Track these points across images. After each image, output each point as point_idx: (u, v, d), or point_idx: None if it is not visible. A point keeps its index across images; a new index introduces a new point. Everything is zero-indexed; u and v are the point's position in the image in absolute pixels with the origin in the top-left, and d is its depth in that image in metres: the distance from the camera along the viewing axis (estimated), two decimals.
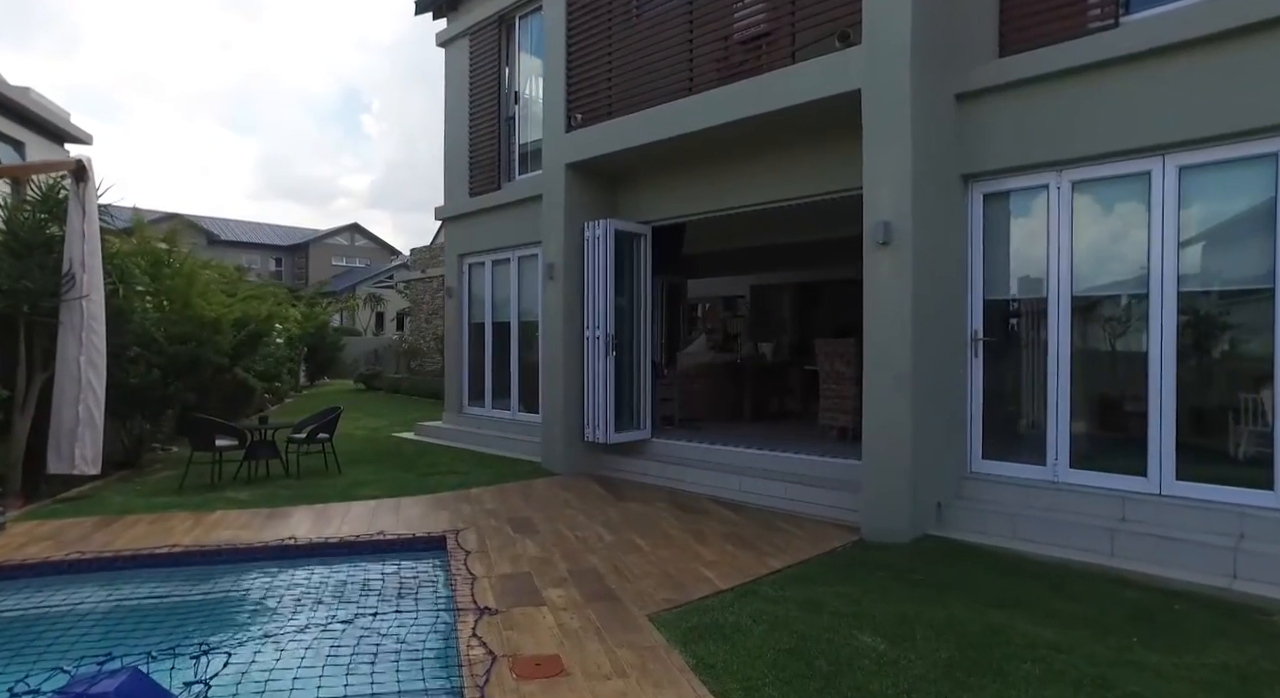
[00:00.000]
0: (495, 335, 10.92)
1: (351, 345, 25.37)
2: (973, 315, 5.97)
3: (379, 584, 4.49)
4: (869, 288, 5.64)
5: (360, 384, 21.14)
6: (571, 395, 8.24)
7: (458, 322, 11.51)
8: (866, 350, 5.66)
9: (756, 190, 7.32)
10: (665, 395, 9.34)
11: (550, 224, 8.40)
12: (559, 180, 8.26)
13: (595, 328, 8.04)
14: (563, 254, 8.20)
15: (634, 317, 8.45)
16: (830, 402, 7.86)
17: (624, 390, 8.33)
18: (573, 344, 8.26)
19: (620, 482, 7.77)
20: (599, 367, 8.01)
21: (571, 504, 6.68)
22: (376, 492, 7.12)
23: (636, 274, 8.44)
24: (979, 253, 5.94)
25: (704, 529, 5.78)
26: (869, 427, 5.64)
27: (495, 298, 10.94)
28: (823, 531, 5.78)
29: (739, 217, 9.27)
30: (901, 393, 5.43)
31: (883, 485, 5.53)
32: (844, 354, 7.68)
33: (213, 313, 8.61)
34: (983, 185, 5.92)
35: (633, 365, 8.45)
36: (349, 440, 10.92)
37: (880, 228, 5.48)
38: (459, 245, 11.41)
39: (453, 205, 11.43)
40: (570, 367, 8.24)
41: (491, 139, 10.72)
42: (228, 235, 43.90)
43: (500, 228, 10.42)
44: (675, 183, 8.03)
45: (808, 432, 8.74)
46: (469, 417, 11.14)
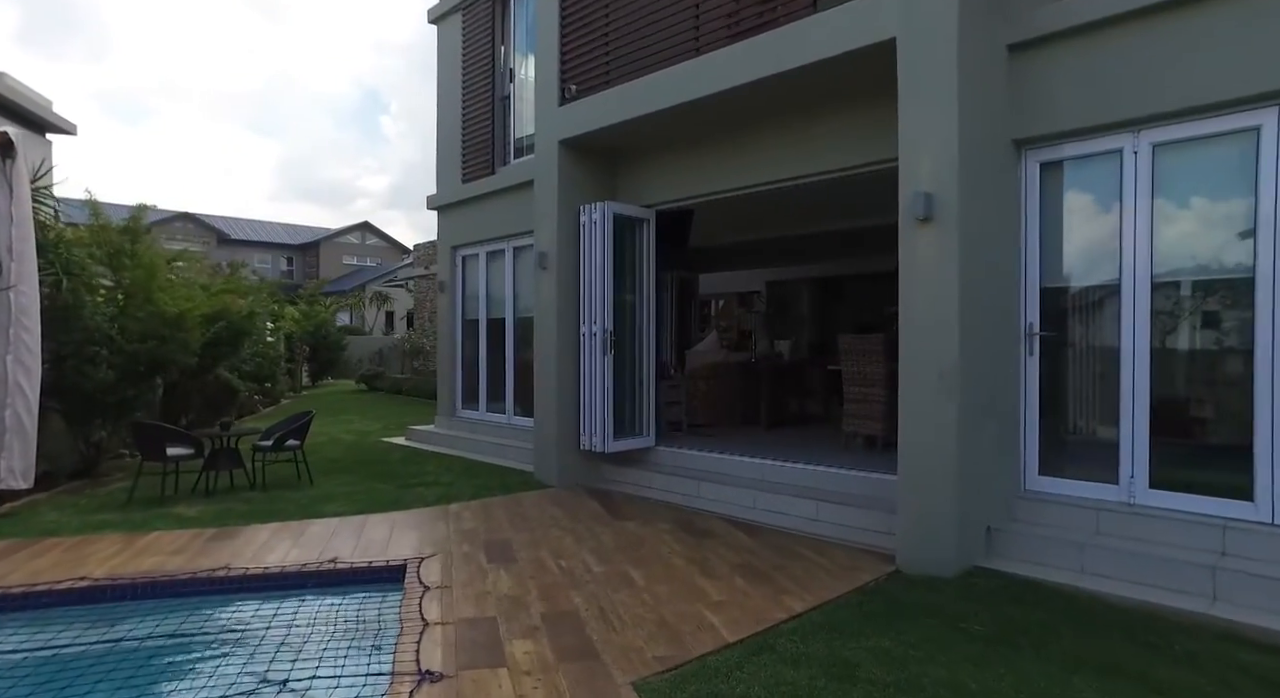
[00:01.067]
0: (490, 333, 10.13)
1: (356, 345, 24.73)
2: (1027, 305, 5.07)
3: (307, 632, 3.69)
4: (906, 273, 4.77)
5: (362, 385, 20.47)
6: (566, 399, 7.42)
7: (450, 318, 10.74)
8: (904, 346, 4.79)
9: (773, 167, 6.45)
10: (672, 398, 8.50)
11: (543, 208, 7.58)
12: (551, 159, 7.44)
13: (592, 323, 7.21)
14: (556, 241, 7.38)
15: (636, 311, 7.61)
16: (856, 406, 6.97)
17: (625, 393, 7.50)
18: (567, 342, 7.44)
19: (619, 496, 6.94)
20: (596, 367, 7.19)
21: (561, 524, 5.85)
22: (345, 507, 6.34)
23: (639, 264, 7.60)
24: (1034, 232, 5.05)
25: (711, 557, 4.93)
26: (906, 436, 4.76)
27: (490, 292, 10.15)
28: (851, 559, 4.91)
29: (752, 204, 8.41)
30: (946, 396, 4.55)
31: (923, 505, 4.66)
32: (872, 352, 6.80)
33: (176, 308, 7.86)
34: (1039, 152, 5.02)
35: (635, 366, 7.61)
36: (333, 446, 10.18)
37: (920, 201, 4.60)
38: (451, 236, 10.64)
39: (445, 193, 10.65)
40: (565, 367, 7.42)
41: (485, 121, 9.92)
42: (238, 234, 43.60)
43: (494, 216, 9.63)
44: (681, 161, 7.19)
45: (830, 439, 7.85)
46: (462, 421, 10.36)
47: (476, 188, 9.90)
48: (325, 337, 21.76)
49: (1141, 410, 4.58)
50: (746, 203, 9.24)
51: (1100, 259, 4.87)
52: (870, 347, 6.76)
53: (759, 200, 8.99)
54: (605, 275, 7.13)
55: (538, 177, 7.68)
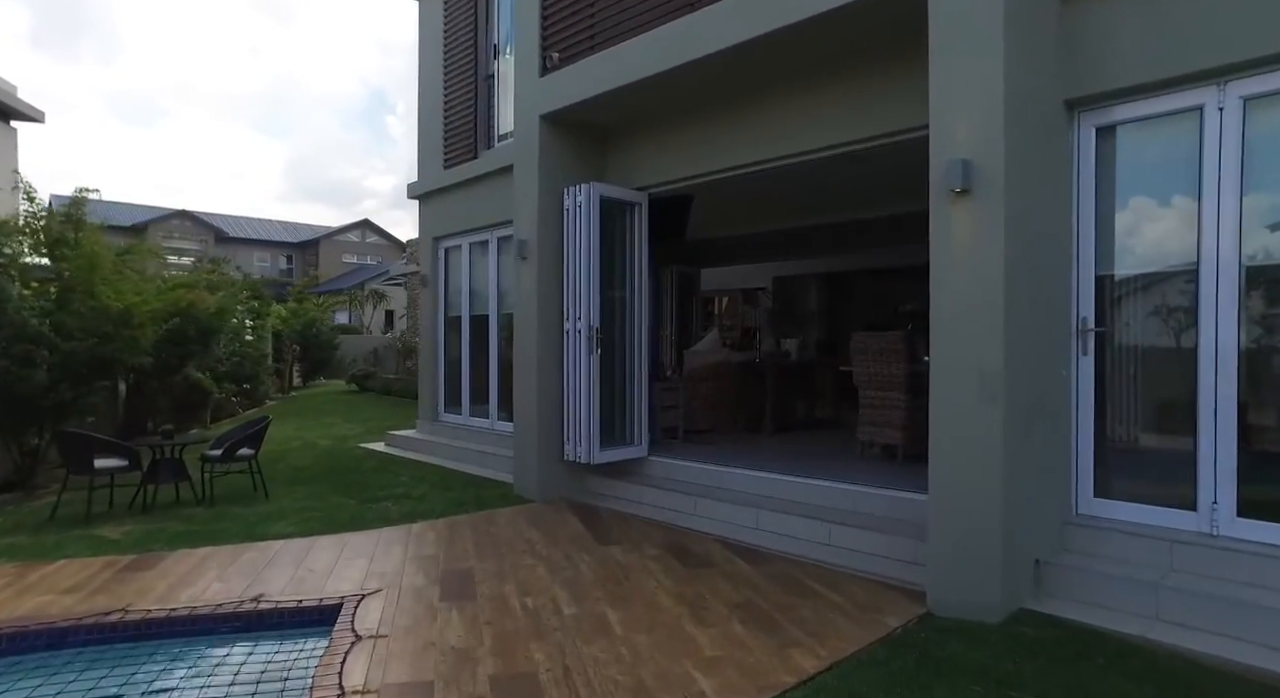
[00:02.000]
0: (473, 330, 9.39)
1: (350, 344, 24.03)
2: (1079, 296, 4.29)
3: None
4: (939, 255, 3.99)
5: (353, 385, 19.76)
6: (547, 404, 6.66)
7: (432, 315, 10.00)
8: (936, 343, 4.01)
9: (779, 141, 5.68)
10: (668, 402, 7.73)
11: (522, 191, 6.83)
12: (532, 137, 6.68)
13: (576, 319, 6.45)
14: (537, 228, 6.62)
15: (627, 306, 6.85)
16: (873, 412, 6.19)
17: (613, 397, 6.74)
18: (549, 340, 6.68)
19: (606, 513, 6.18)
20: (581, 368, 6.43)
21: (535, 549, 5.09)
22: (295, 526, 5.60)
23: (630, 253, 6.84)
24: (1088, 209, 4.26)
25: (706, 594, 4.17)
26: (939, 449, 3.99)
27: (473, 286, 9.41)
28: (871, 596, 4.14)
29: (757, 189, 7.68)
30: (989, 401, 3.77)
31: (960, 533, 3.88)
32: (890, 352, 6.01)
33: (121, 302, 7.14)
34: (1095, 115, 4.23)
35: (625, 366, 6.85)
36: (304, 453, 9.45)
37: (957, 170, 3.82)
38: (433, 226, 9.90)
39: (426, 180, 9.91)
40: (546, 368, 6.67)
41: (468, 101, 9.18)
42: (236, 232, 43.02)
43: (478, 204, 8.88)
44: (676, 137, 6.42)
45: (843, 449, 7.07)
46: (444, 426, 9.61)
47: (459, 173, 9.15)
48: (316, 336, 21.07)
49: (1226, 422, 3.79)
50: (750, 187, 8.47)
51: (1169, 240, 4.08)
52: (888, 345, 5.98)
53: (763, 185, 8.22)
54: (591, 265, 6.37)
55: (517, 156, 6.93)
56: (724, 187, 8.12)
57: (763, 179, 8.10)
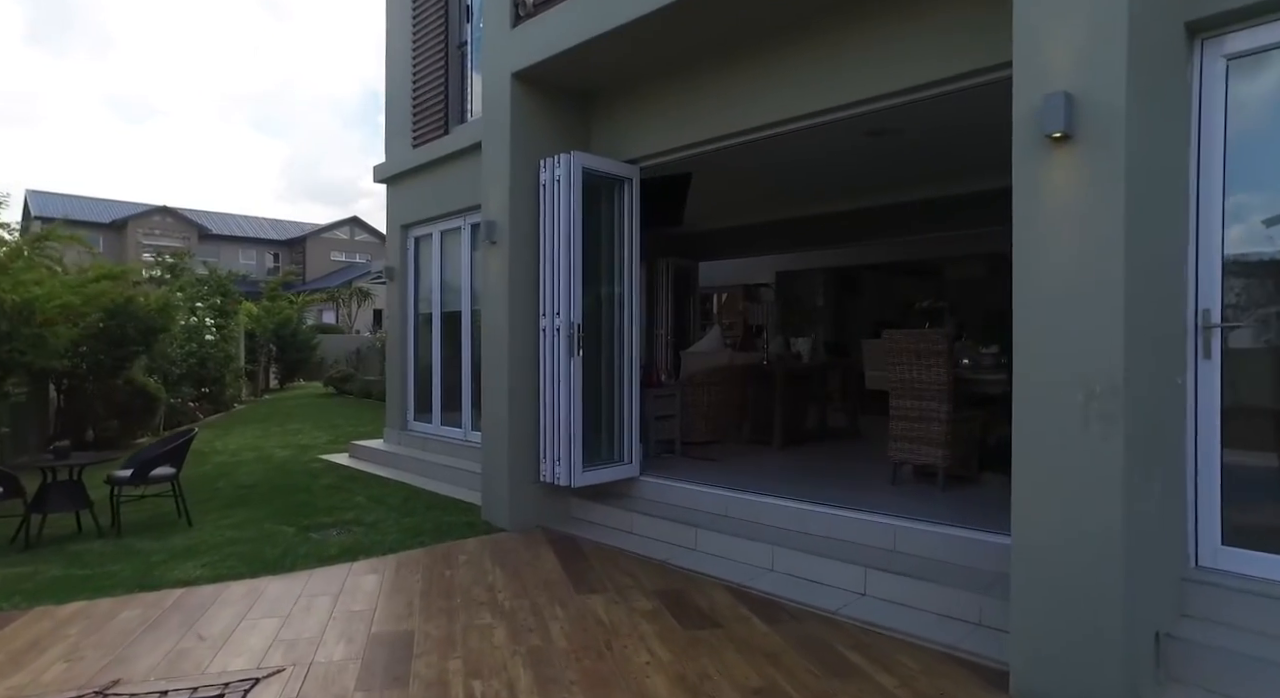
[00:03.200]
0: (445, 329, 8.37)
1: (331, 344, 22.96)
2: (1200, 282, 3.28)
3: None
4: (1029, 225, 2.97)
5: (330, 388, 18.70)
6: (520, 415, 5.63)
7: (400, 312, 8.97)
8: (1021, 343, 3.00)
9: (795, 98, 4.65)
10: (663, 411, 6.71)
11: (492, 164, 5.80)
12: (503, 99, 5.66)
13: (554, 315, 5.43)
14: (509, 207, 5.59)
15: (616, 300, 5.84)
16: (907, 426, 5.18)
17: (599, 407, 5.72)
18: (523, 340, 5.66)
19: (589, 547, 5.15)
20: (560, 372, 5.40)
21: (497, 600, 4.06)
22: (205, 568, 4.56)
23: (619, 238, 5.83)
24: (1214, 166, 3.26)
25: (713, 672, 3.15)
26: (1027, 482, 2.98)
27: (445, 280, 8.39)
28: (933, 675, 3.12)
29: (763, 168, 6.67)
30: (1102, 424, 2.75)
31: (1059, 594, 2.88)
32: (931, 354, 5.00)
33: (19, 295, 6.09)
34: (1225, 41, 3.22)
35: (614, 370, 5.83)
36: (256, 467, 8.40)
37: (1057, 108, 2.80)
38: (401, 213, 8.86)
39: (393, 162, 8.88)
40: (519, 373, 5.64)
41: (438, 72, 8.15)
42: (220, 229, 41.87)
43: (449, 186, 7.85)
44: (674, 98, 5.39)
45: (869, 467, 6.07)
46: (412, 436, 8.58)
47: (428, 152, 8.12)
48: (293, 335, 20.00)
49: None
50: (755, 170, 7.47)
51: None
52: (929, 346, 4.97)
53: (770, 168, 7.22)
54: (572, 252, 5.35)
55: (486, 123, 5.90)
56: (727, 164, 7.10)
57: (771, 158, 7.11)
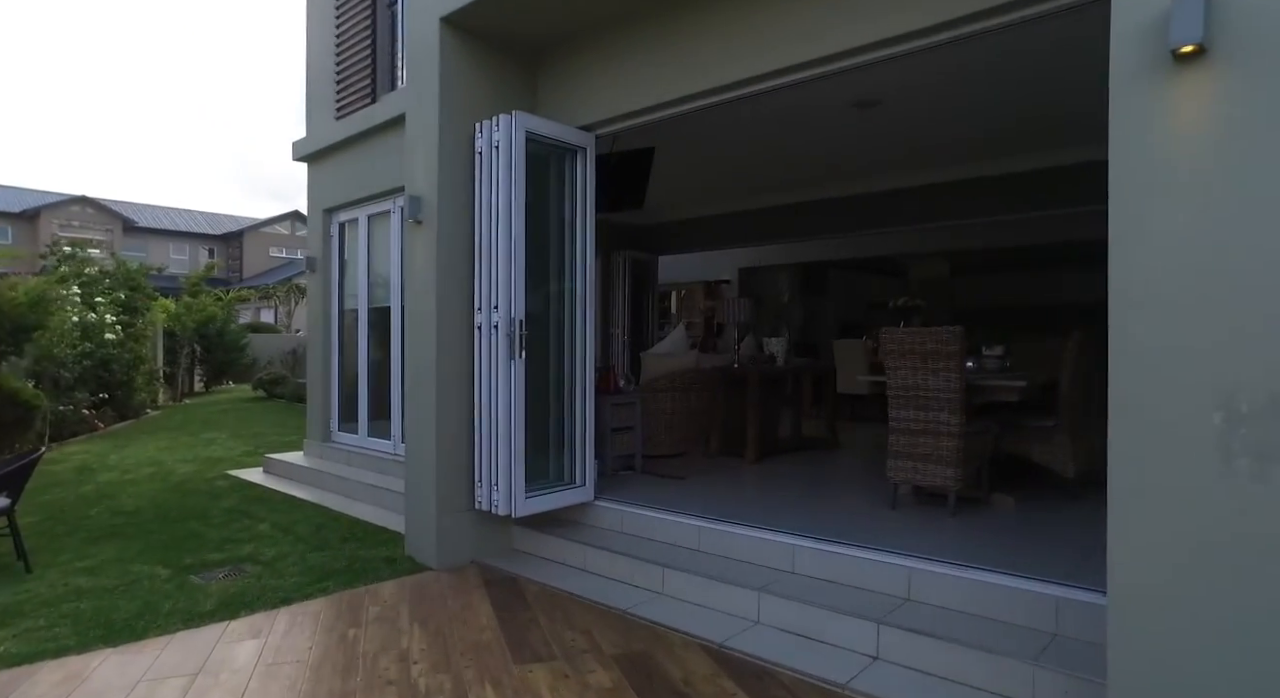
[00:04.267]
0: (373, 327, 7.36)
1: (264, 344, 21.44)
2: None
3: None
4: (1133, 184, 2.19)
5: (259, 391, 17.30)
6: (451, 429, 4.69)
7: (323, 308, 7.90)
8: (1119, 347, 2.22)
9: (774, 48, 3.83)
10: (622, 421, 5.85)
11: (417, 128, 4.84)
12: (430, 47, 4.70)
13: (492, 310, 4.51)
14: (437, 179, 4.64)
15: (567, 292, 4.95)
16: (910, 441, 4.40)
17: (546, 418, 4.83)
18: (455, 339, 4.72)
19: (534, 590, 4.24)
20: (499, 378, 4.48)
21: (411, 676, 3.13)
22: (18, 640, 3.49)
23: (571, 219, 4.94)
24: None
25: None
26: (1135, 528, 2.20)
27: (373, 271, 7.37)
28: None
29: (732, 153, 5.90)
30: (1249, 458, 1.99)
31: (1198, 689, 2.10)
32: (940, 355, 4.24)
33: None
34: None
35: (564, 375, 4.95)
36: (147, 486, 7.24)
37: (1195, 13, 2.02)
38: (323, 195, 7.80)
39: (315, 137, 7.81)
40: (449, 378, 4.69)
41: (365, 30, 7.13)
42: (146, 222, 39.41)
43: (377, 163, 6.84)
44: (635, 50, 4.51)
45: (861, 487, 5.31)
46: (336, 449, 7.53)
47: (353, 124, 7.09)
48: (219, 334, 18.49)
49: None
50: (728, 144, 6.68)
51: None
52: (939, 347, 4.20)
53: (744, 141, 6.43)
54: (513, 233, 4.44)
55: (411, 80, 4.94)
56: (697, 137, 6.31)
57: (745, 134, 6.33)
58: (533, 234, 4.63)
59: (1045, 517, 4.32)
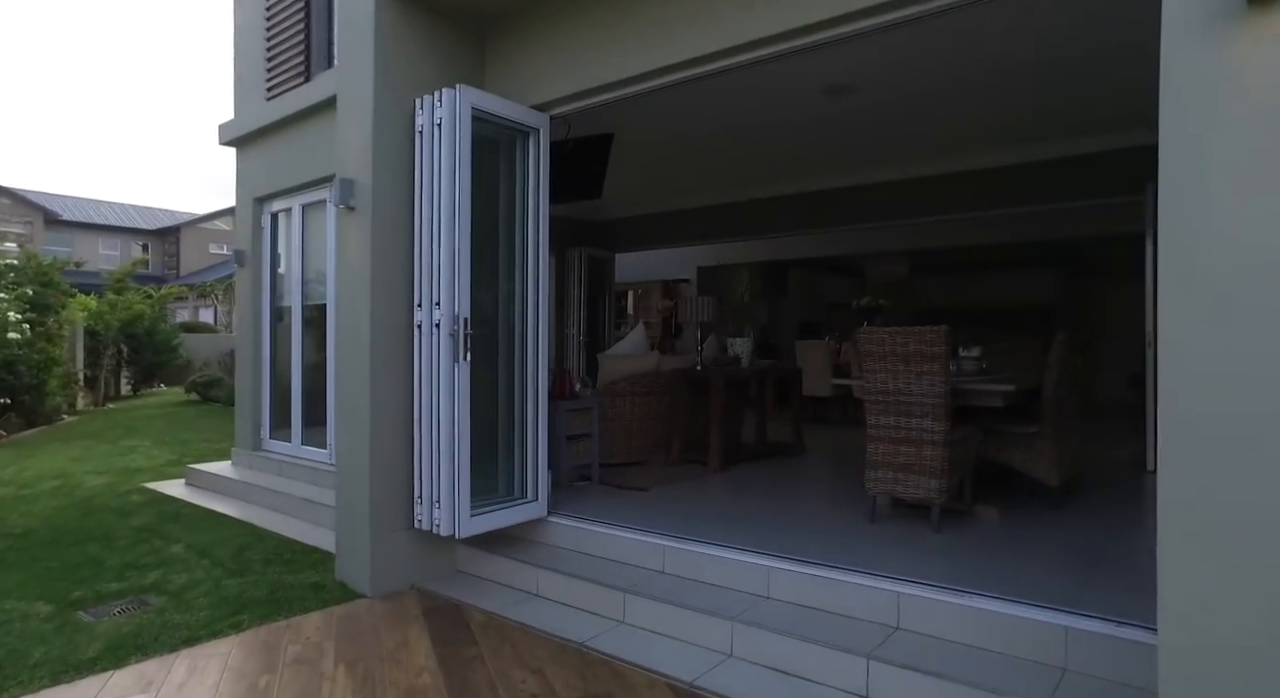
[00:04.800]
0: (308, 326, 6.78)
1: (199, 344, 20.34)
2: None
3: None
4: (1192, 154, 1.86)
5: (193, 394, 16.32)
6: (387, 439, 4.19)
7: (253, 305, 7.28)
8: (1173, 350, 1.89)
9: (745, 18, 3.47)
10: (577, 429, 5.42)
11: (350, 102, 4.33)
12: (365, 14, 4.20)
13: (433, 307, 4.04)
14: (371, 160, 4.15)
15: (519, 289, 4.51)
16: (890, 450, 4.09)
17: (495, 426, 4.39)
18: (392, 339, 4.23)
19: (481, 623, 3.79)
20: (440, 382, 4.02)
21: None
22: None
23: (523, 208, 4.50)
24: None
25: None
26: (1200, 571, 1.89)
27: (308, 265, 6.79)
28: None
29: (695, 144, 5.56)
30: None
31: None
32: (924, 357, 3.93)
33: None
34: None
35: (514, 378, 4.50)
36: (49, 502, 6.52)
37: None
38: (254, 183, 7.18)
39: (244, 119, 7.18)
40: (386, 383, 4.20)
41: (299, 3, 6.55)
42: (72, 215, 37.28)
43: (312, 148, 6.28)
44: (594, 22, 4.10)
45: (834, 497, 5.00)
46: (267, 459, 6.93)
47: (286, 105, 6.52)
48: (149, 334, 17.41)
49: None
50: (691, 133, 6.31)
51: None
52: (923, 348, 3.89)
53: (708, 130, 6.07)
54: (458, 222, 3.98)
55: (342, 48, 4.43)
56: (658, 124, 5.94)
57: (710, 122, 5.97)
58: (480, 224, 4.18)
59: (1034, 531, 4.05)
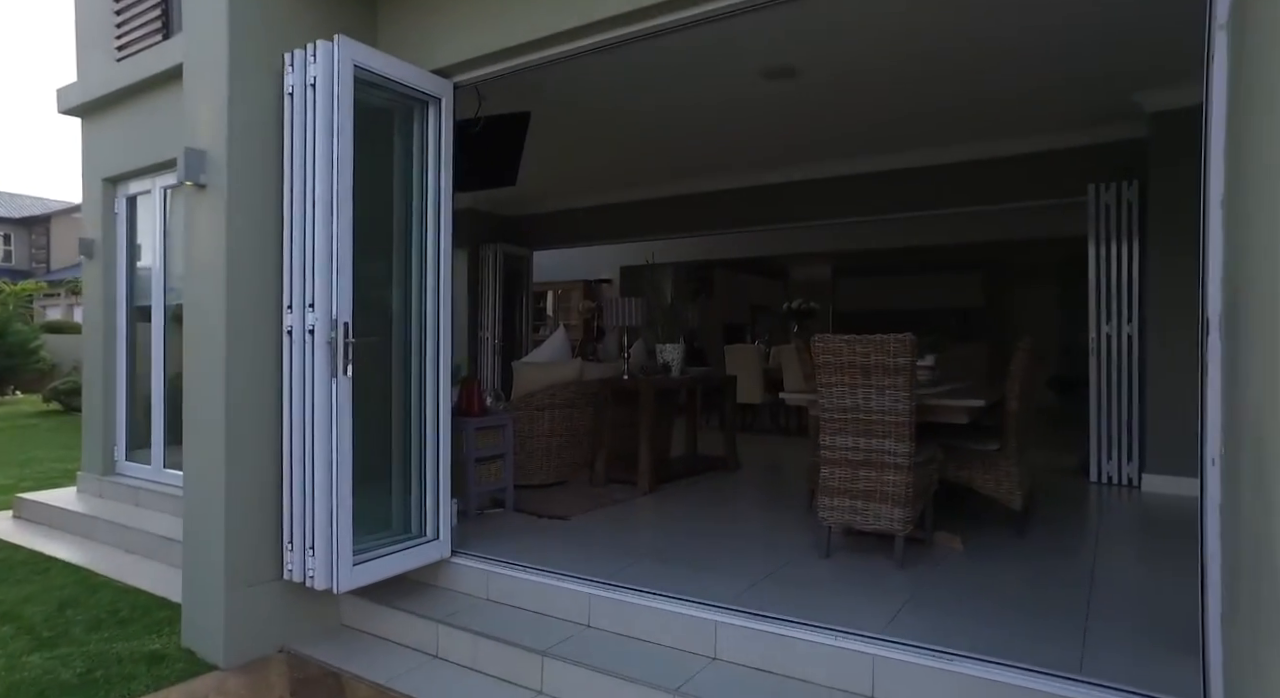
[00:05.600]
0: (173, 328, 5.79)
1: (68, 347, 18.26)
2: None
3: None
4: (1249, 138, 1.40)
5: (53, 403, 14.53)
6: (247, 472, 3.39)
7: (104, 303, 6.20)
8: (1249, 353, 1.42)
9: None
10: (489, 450, 4.73)
11: (201, 58, 3.50)
12: None
13: (306, 309, 3.29)
14: (227, 128, 3.34)
15: (416, 288, 3.79)
16: (846, 474, 3.60)
17: (386, 451, 3.67)
18: (254, 347, 3.43)
19: (366, 697, 3.06)
20: (315, 399, 3.27)
21: None
22: None
23: (422, 193, 3.79)
24: None
25: None
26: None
27: (171, 258, 5.81)
28: None
29: (626, 126, 5.01)
30: None
31: None
32: (888, 370, 3.45)
33: None
34: None
35: (410, 394, 3.79)
36: None
37: None
38: (103, 160, 6.12)
39: (88, 83, 6.10)
40: (247, 400, 3.40)
41: None
42: None
43: (174, 119, 5.31)
44: None
45: (776, 518, 4.49)
46: (120, 485, 5.89)
47: (142, 66, 5.51)
48: (1, 334, 15.45)
49: None
50: (619, 118, 5.74)
51: None
52: (886, 359, 3.41)
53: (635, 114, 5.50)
54: (336, 204, 3.24)
55: None
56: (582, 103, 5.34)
57: (638, 104, 5.41)
58: (369, 210, 3.46)
59: (1002, 564, 3.65)
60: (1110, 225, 5.64)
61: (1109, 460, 5.63)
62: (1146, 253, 5.45)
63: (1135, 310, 5.52)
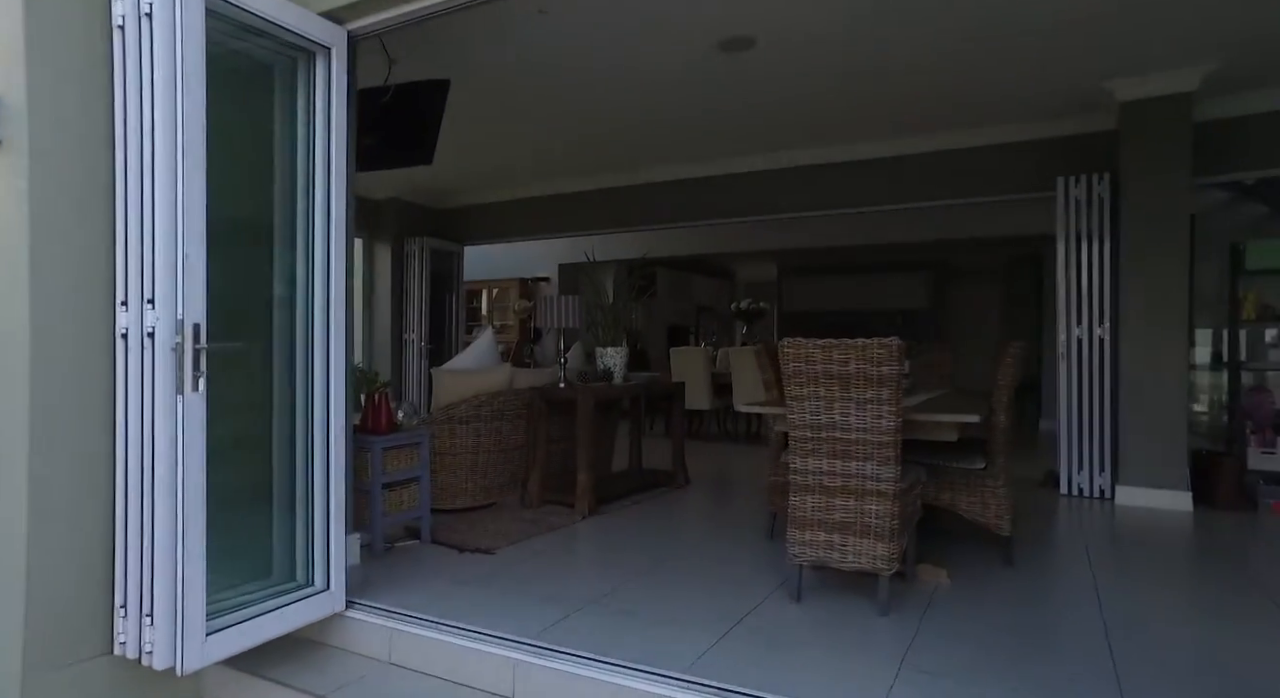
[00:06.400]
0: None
1: None
2: None
3: None
4: None
5: None
6: (64, 518, 2.61)
7: None
8: None
9: None
10: (400, 472, 4.02)
11: None
12: None
13: (144, 305, 2.54)
14: (27, 70, 2.56)
15: (302, 283, 3.08)
16: (823, 505, 3.05)
17: (264, 483, 2.94)
18: (77, 354, 2.65)
19: None
20: (157, 422, 2.52)
21: None
22: None
23: (309, 165, 3.08)
24: None
25: None
26: None
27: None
28: None
29: (568, 108, 4.41)
30: None
31: None
32: (872, 380, 2.92)
33: None
34: None
35: (292, 411, 3.07)
36: None
37: None
38: None
39: None
40: (64, 424, 2.62)
41: None
42: None
43: None
44: None
45: (732, 550, 3.92)
46: None
47: None
48: None
49: None
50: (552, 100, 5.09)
51: None
52: (869, 368, 2.88)
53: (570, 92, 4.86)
54: (183, 171, 2.50)
55: None
56: (514, 90, 4.71)
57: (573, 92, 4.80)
58: (240, 184, 2.75)
59: (997, 604, 3.15)
60: (1080, 221, 5.30)
61: (1079, 472, 5.29)
62: (1119, 250, 5.13)
63: (1108, 311, 5.19)
